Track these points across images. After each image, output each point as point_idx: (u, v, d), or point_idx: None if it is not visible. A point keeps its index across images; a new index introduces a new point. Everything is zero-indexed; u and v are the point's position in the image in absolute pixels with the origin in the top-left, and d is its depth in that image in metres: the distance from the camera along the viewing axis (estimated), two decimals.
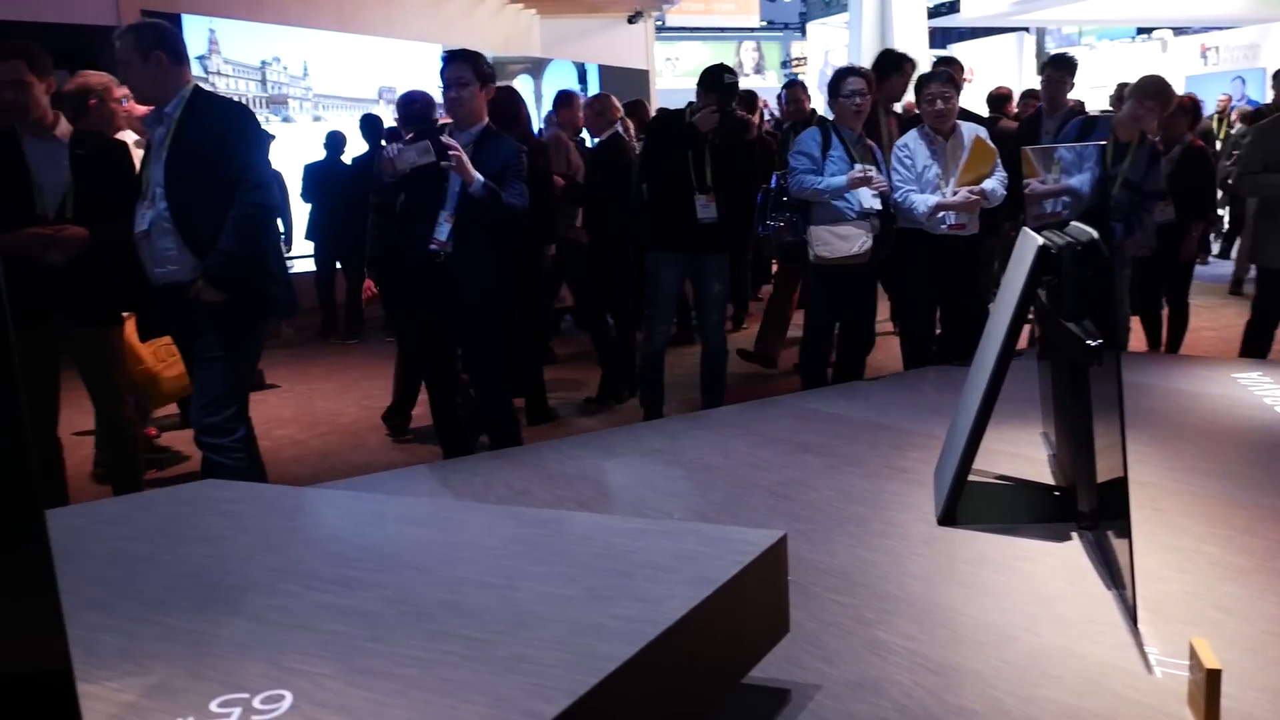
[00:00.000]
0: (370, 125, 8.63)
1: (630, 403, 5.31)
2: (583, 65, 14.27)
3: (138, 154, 3.65)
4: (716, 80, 4.53)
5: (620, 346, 5.65)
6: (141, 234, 3.24)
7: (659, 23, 17.84)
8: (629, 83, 13.34)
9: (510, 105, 5.21)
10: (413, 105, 4.93)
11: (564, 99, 6.28)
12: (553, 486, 2.78)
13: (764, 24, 24.54)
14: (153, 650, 1.04)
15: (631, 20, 14.64)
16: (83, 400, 3.76)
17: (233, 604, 1.14)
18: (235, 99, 3.26)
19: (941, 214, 4.37)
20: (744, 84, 6.91)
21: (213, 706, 0.92)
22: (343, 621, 1.09)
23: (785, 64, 24.34)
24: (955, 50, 17.80)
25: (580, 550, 1.33)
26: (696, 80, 4.59)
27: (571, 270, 5.79)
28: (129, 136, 4.42)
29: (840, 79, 4.46)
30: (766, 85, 20.10)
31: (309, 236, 9.10)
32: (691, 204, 4.54)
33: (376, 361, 6.32)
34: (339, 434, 5.40)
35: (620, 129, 5.78)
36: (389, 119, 8.38)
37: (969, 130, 4.49)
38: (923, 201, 4.33)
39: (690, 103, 4.66)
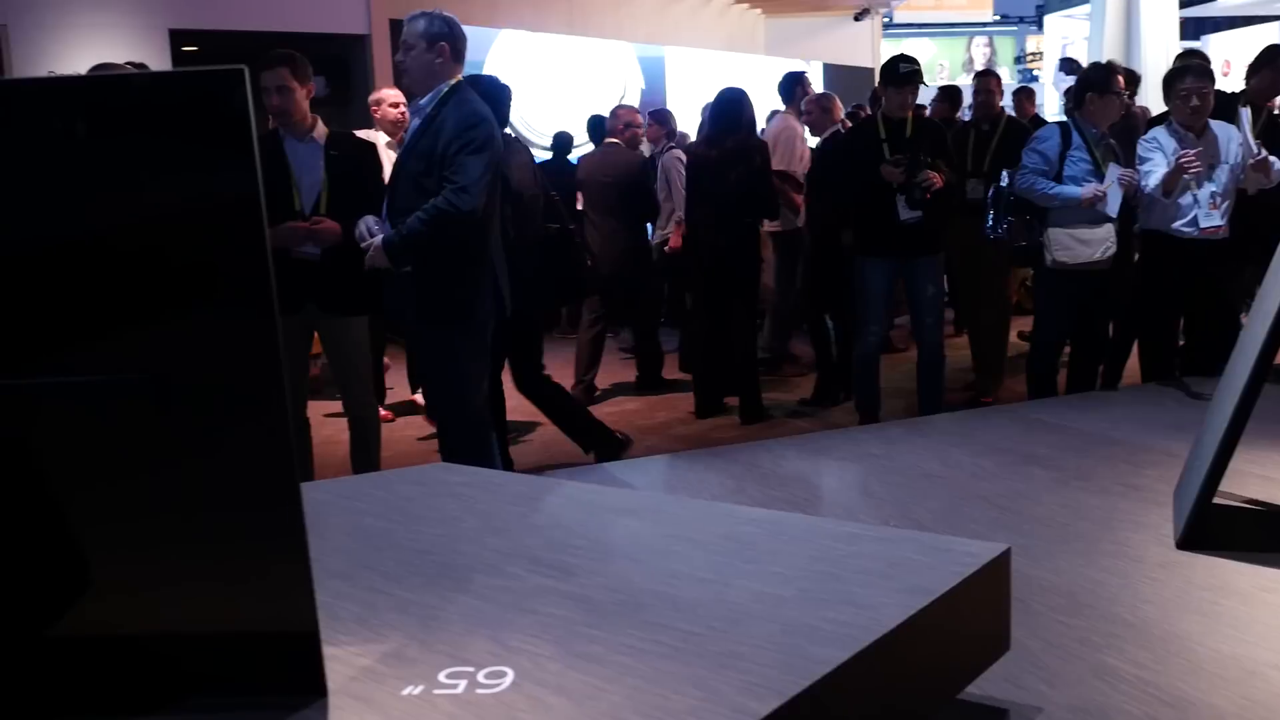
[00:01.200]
0: (597, 126, 8.83)
1: (846, 405, 5.22)
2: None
3: (389, 155, 3.88)
4: (891, 71, 4.50)
5: (839, 348, 5.56)
6: (378, 222, 3.45)
7: (886, 19, 17.44)
8: (854, 82, 13.09)
9: (734, 107, 5.22)
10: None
11: (794, 79, 6.26)
12: (765, 486, 2.78)
13: (997, 18, 23.59)
14: (388, 620, 1.10)
15: (858, 18, 14.38)
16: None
17: (461, 582, 1.20)
18: (476, 107, 3.38)
19: (1196, 213, 4.07)
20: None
21: (441, 677, 0.97)
22: (562, 606, 1.12)
23: (1019, 59, 23.33)
24: (1211, 42, 16.53)
25: (793, 551, 1.33)
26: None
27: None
28: (380, 138, 4.70)
29: (1178, 76, 4.22)
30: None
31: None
32: (893, 205, 4.45)
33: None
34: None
35: (840, 130, 5.72)
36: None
37: (1222, 130, 4.17)
38: (1157, 176, 4.02)
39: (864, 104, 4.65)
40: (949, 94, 6.99)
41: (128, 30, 8.49)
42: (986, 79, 5.82)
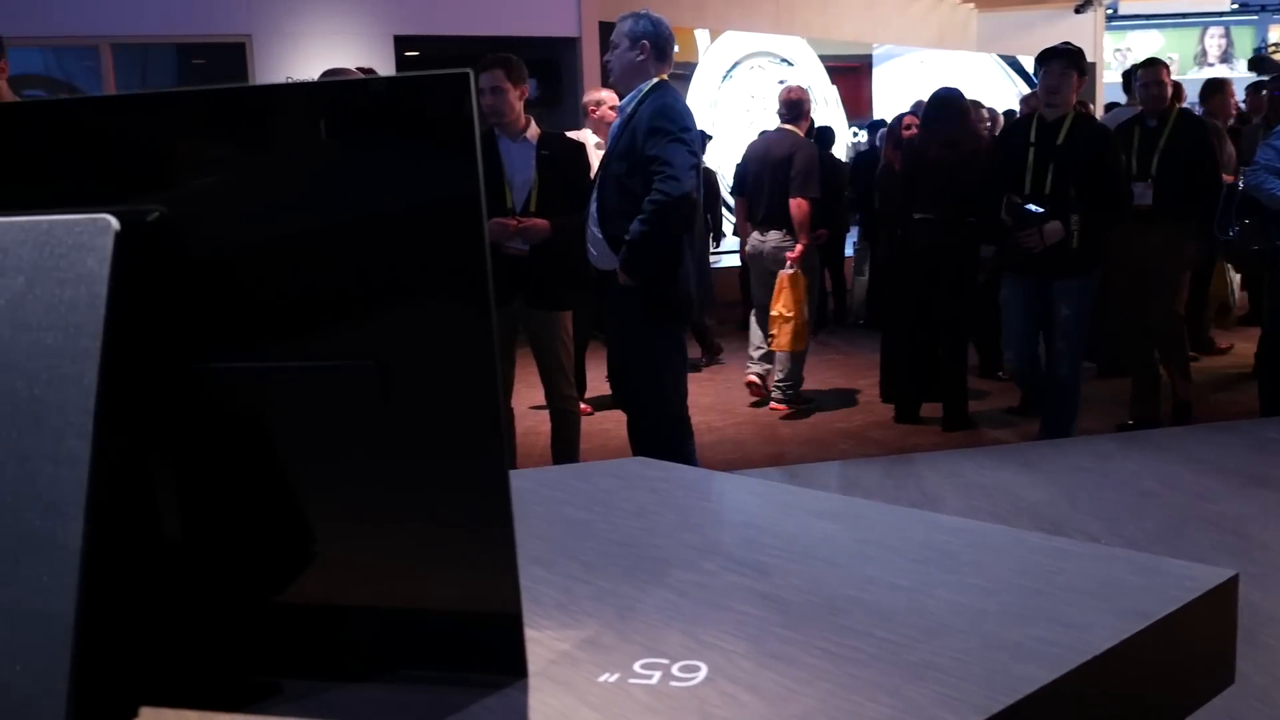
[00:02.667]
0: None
1: None
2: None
3: (598, 155, 3.98)
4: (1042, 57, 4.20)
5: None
6: (584, 220, 3.54)
7: (1110, 10, 16.54)
8: None
9: (953, 106, 5.08)
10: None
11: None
12: (967, 496, 2.70)
13: (1235, 6, 21.98)
14: (586, 608, 1.13)
15: (1079, 10, 13.71)
16: (530, 376, 4.15)
17: (657, 575, 1.22)
18: (671, 101, 3.40)
19: None
20: (1207, 75, 6.19)
21: (636, 667, 0.99)
22: (756, 605, 1.12)
23: (1259, 50, 21.67)
24: None
25: (996, 564, 1.28)
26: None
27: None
28: (590, 138, 4.83)
29: None
30: (1236, 76, 18.02)
31: (737, 233, 9.41)
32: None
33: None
34: (753, 425, 5.56)
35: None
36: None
37: None
38: None
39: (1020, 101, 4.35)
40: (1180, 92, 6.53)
41: (356, 37, 9.01)
42: (1154, 68, 5.22)
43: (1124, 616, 1.10)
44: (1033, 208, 3.95)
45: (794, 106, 6.23)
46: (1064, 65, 4.09)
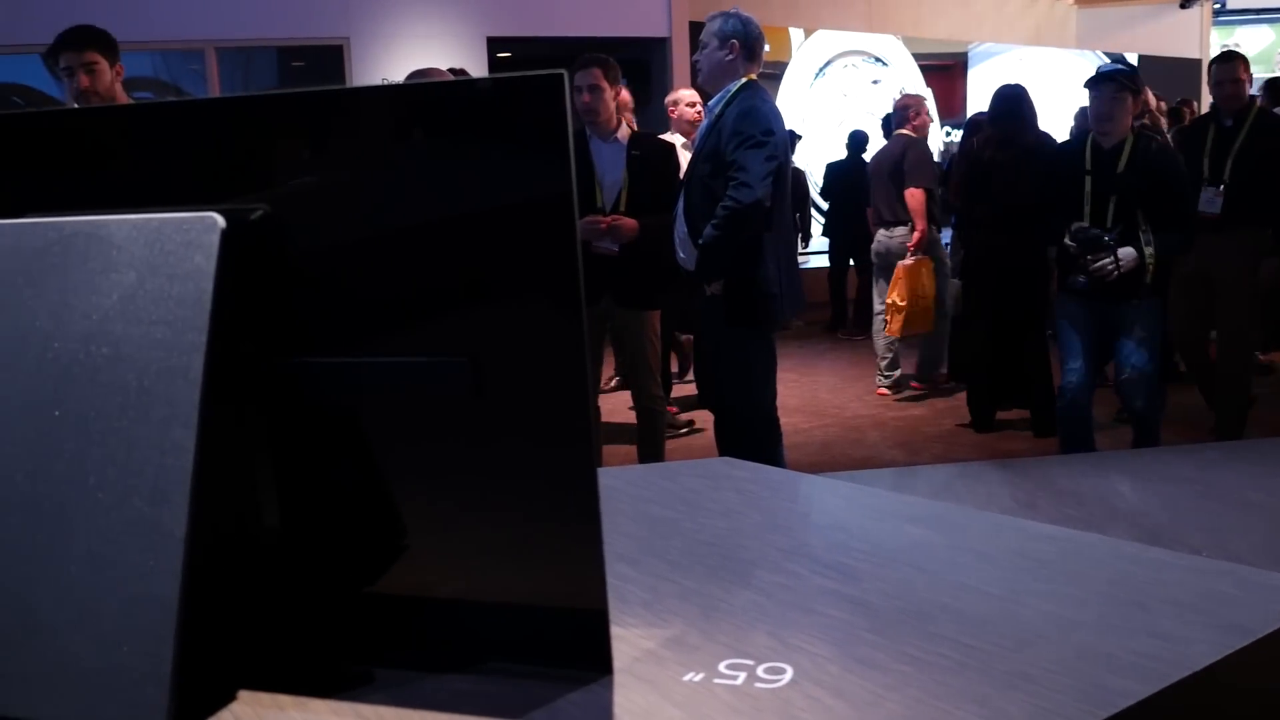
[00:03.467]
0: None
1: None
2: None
3: (685, 156, 3.98)
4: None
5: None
6: (672, 219, 3.54)
7: (1217, 5, 15.98)
8: (1175, 74, 12.09)
9: (1020, 105, 4.96)
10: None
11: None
12: (1060, 504, 2.63)
13: None
14: (671, 607, 1.14)
15: (1184, 4, 13.27)
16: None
17: (743, 576, 1.21)
18: (757, 104, 3.38)
19: None
20: None
21: (721, 667, 0.99)
22: (843, 609, 1.11)
23: None
24: None
25: (1090, 574, 1.25)
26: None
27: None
28: (677, 139, 4.84)
29: None
30: None
31: (825, 233, 9.33)
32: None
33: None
34: (840, 427, 5.51)
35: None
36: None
37: None
38: None
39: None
40: (1274, 88, 6.21)
41: (450, 39, 9.15)
42: (1229, 64, 4.68)
43: (1225, 632, 1.07)
44: (1103, 234, 3.71)
45: (899, 112, 6.63)
46: (1115, 89, 3.79)
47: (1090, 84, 3.94)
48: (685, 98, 5.46)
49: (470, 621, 1.02)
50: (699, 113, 5.21)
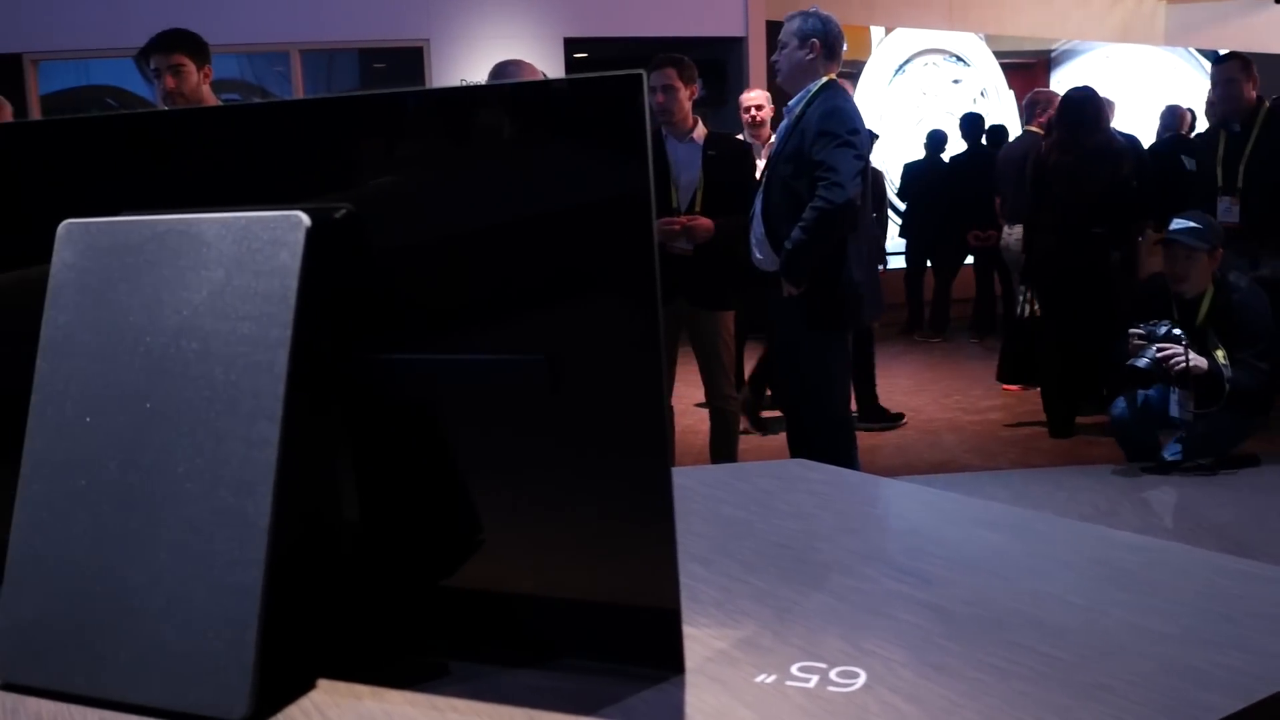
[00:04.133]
0: (971, 124, 8.51)
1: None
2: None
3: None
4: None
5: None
6: (749, 220, 3.53)
7: None
8: (1267, 72, 11.73)
9: (1090, 107, 4.85)
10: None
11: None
12: (1144, 512, 2.57)
13: None
14: (744, 608, 1.13)
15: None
16: (690, 375, 4.16)
17: (816, 578, 1.21)
18: (840, 103, 3.35)
19: None
20: None
21: (793, 669, 0.98)
22: (918, 614, 1.10)
23: None
24: None
25: (1176, 585, 1.22)
26: None
27: None
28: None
29: None
30: None
31: (902, 234, 9.23)
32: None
33: (958, 361, 6.28)
34: (916, 430, 5.44)
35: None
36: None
37: None
38: None
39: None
40: None
41: (528, 40, 9.22)
42: (1224, 65, 4.46)
43: None
44: (1170, 328, 3.55)
45: (1028, 108, 6.64)
46: (1237, 68, 3.74)
47: (1214, 62, 3.99)
48: (745, 100, 5.46)
49: (544, 617, 1.03)
50: (763, 114, 5.20)
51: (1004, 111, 11.34)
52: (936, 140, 9.14)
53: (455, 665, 1.01)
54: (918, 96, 11.45)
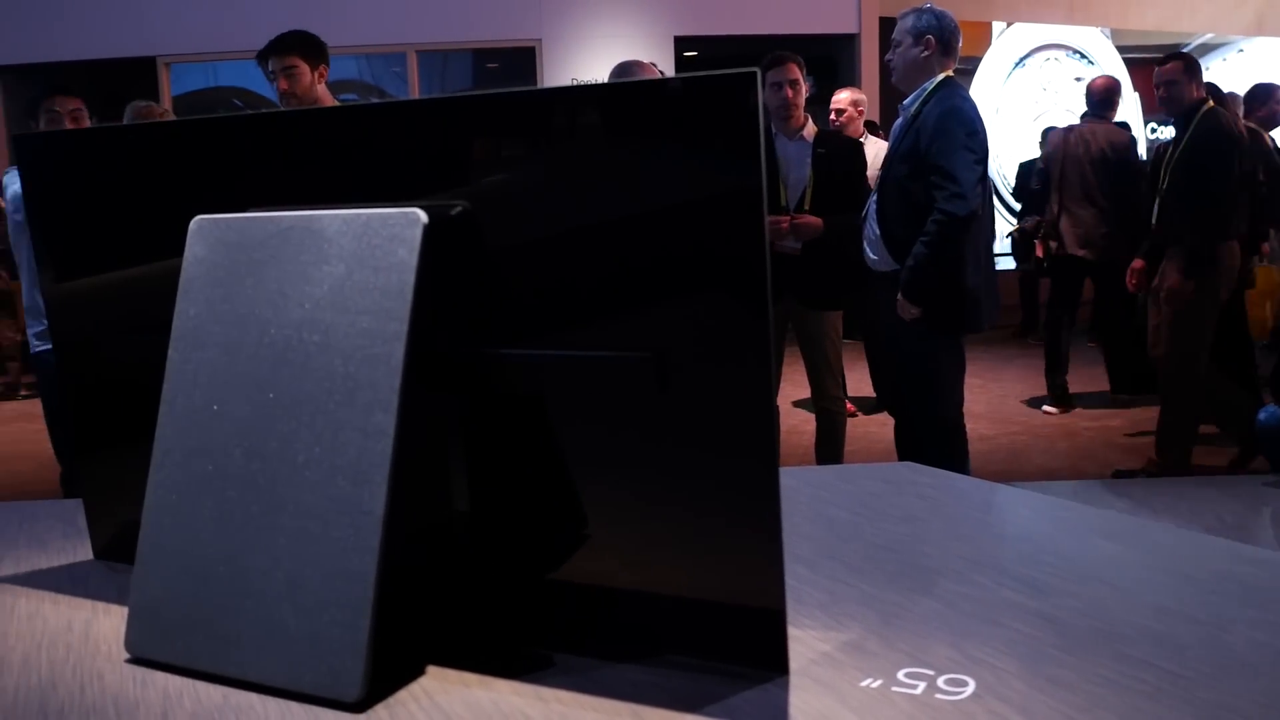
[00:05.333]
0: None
1: None
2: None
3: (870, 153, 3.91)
4: None
5: None
6: (862, 220, 3.47)
7: None
8: None
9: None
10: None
11: (1260, 94, 5.45)
12: (1275, 525, 2.46)
13: None
14: (850, 611, 1.12)
15: None
16: (796, 375, 4.13)
17: (924, 583, 1.19)
18: (959, 103, 3.27)
19: None
20: None
21: (900, 675, 0.97)
22: (1030, 624, 1.07)
23: None
24: None
25: None
26: None
27: None
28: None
29: None
30: None
31: (1009, 235, 8.99)
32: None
33: (1074, 366, 6.08)
34: (1030, 435, 5.31)
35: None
36: None
37: None
38: None
39: None
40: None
41: (639, 40, 9.26)
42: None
43: None
44: None
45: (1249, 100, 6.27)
46: None
47: None
48: (835, 100, 5.36)
49: (648, 613, 1.03)
50: (848, 114, 5.11)
51: (1127, 112, 10.96)
52: None
53: (560, 658, 1.02)
54: (1037, 93, 11.15)
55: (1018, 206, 9.06)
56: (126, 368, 1.25)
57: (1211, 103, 4.34)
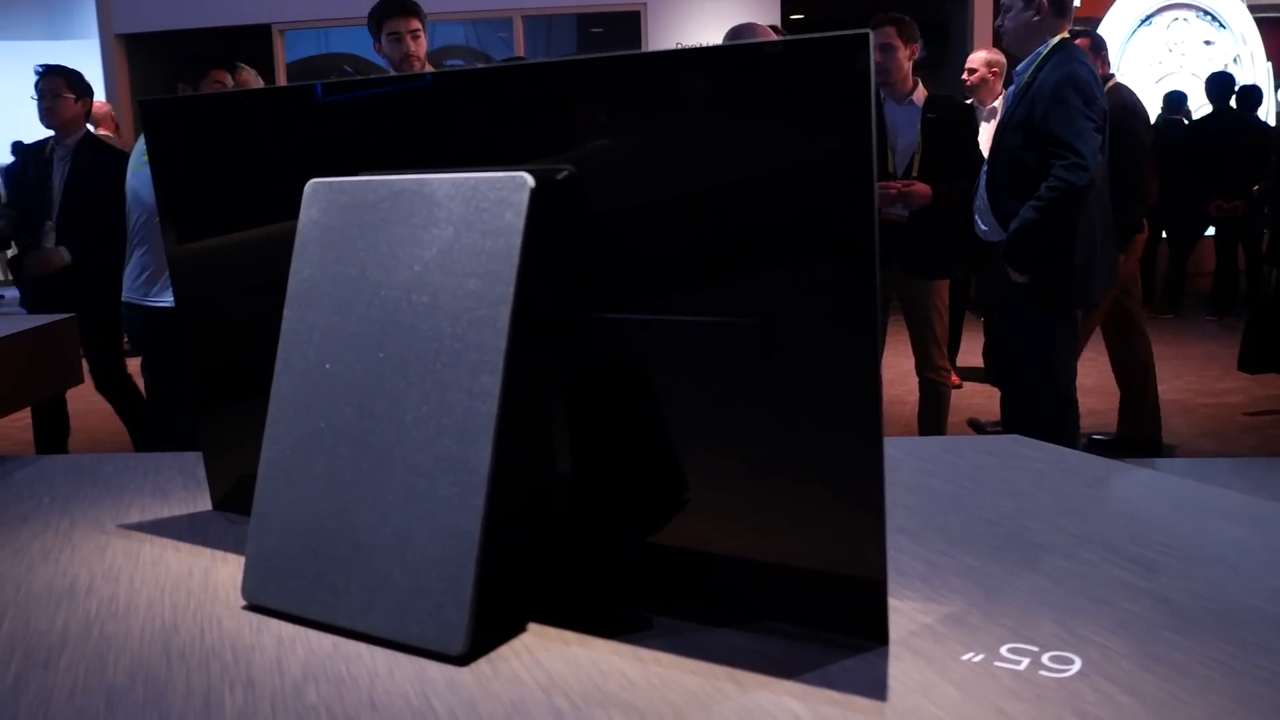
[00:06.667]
0: (1219, 84, 7.92)
1: None
2: None
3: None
4: None
5: None
6: (974, 188, 3.39)
7: None
8: None
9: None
10: None
11: None
12: None
13: None
14: (951, 583, 1.10)
15: None
16: (899, 344, 4.06)
17: (1029, 559, 1.16)
18: (1076, 69, 3.15)
19: None
20: None
21: (1003, 650, 0.95)
22: (1140, 603, 1.05)
23: None
24: None
25: None
26: None
27: None
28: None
29: None
30: None
31: None
32: None
33: (1193, 340, 5.86)
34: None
35: None
36: None
37: None
38: None
39: None
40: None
41: (744, 2, 9.12)
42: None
43: None
44: None
45: None
46: None
47: None
48: (970, 60, 5.21)
49: (747, 579, 1.03)
50: (983, 76, 4.97)
51: (1259, 77, 10.43)
52: (1175, 102, 8.53)
53: (659, 620, 1.03)
54: (1162, 54, 10.69)
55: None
56: (245, 326, 1.29)
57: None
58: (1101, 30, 10.34)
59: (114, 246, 3.90)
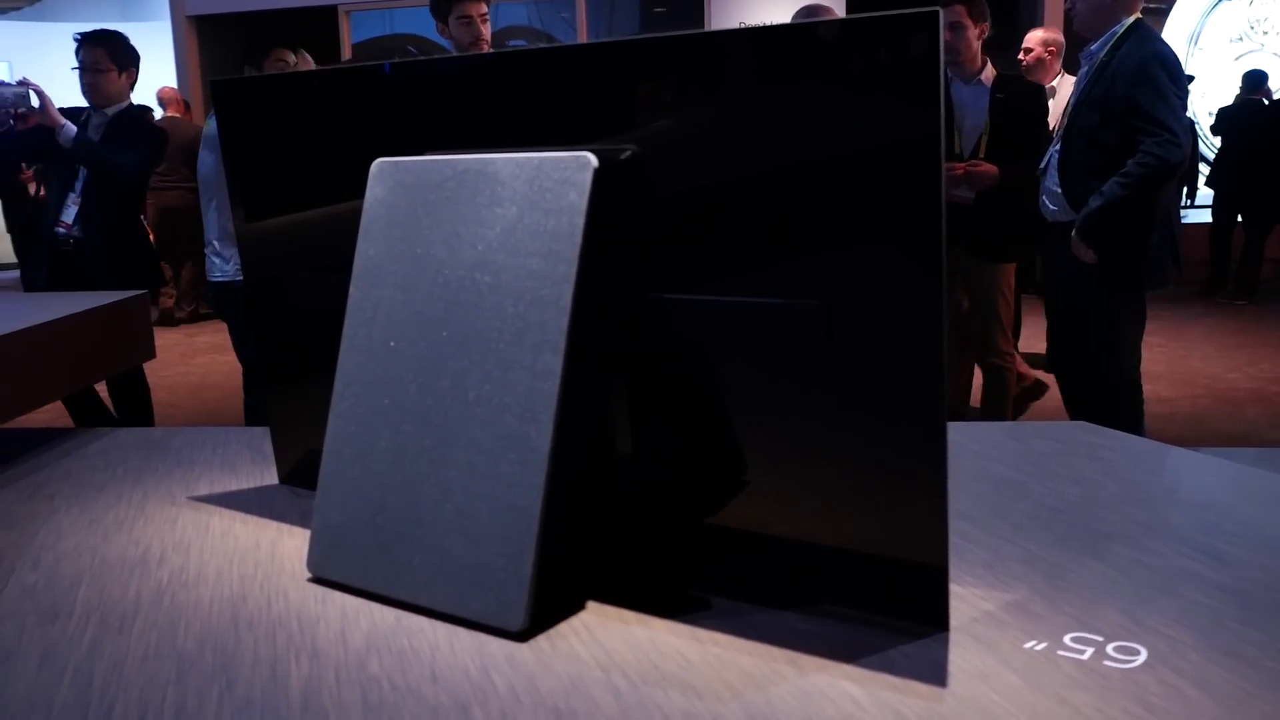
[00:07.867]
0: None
1: None
2: None
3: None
4: None
5: None
6: (1040, 170, 3.32)
7: None
8: None
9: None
10: None
11: None
12: None
13: None
14: (1014, 571, 1.09)
15: None
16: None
17: (1094, 547, 1.14)
18: (1160, 47, 3.06)
19: None
20: None
21: (1066, 639, 0.94)
22: (1209, 594, 1.02)
23: None
24: None
25: None
26: None
27: None
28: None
29: None
30: None
31: (1209, 183, 8.49)
32: None
33: (1269, 326, 5.70)
34: (1214, 399, 5.03)
35: None
36: None
37: None
38: None
39: None
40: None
41: None
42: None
43: None
44: None
45: None
46: None
47: None
48: (1027, 39, 5.09)
49: (808, 562, 1.03)
50: (1039, 56, 4.86)
51: None
52: (1255, 81, 8.28)
53: (718, 602, 1.03)
54: (1244, 30, 10.38)
55: (1217, 144, 8.49)
56: (311, 304, 1.31)
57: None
58: (1173, 16, 10.07)
59: (129, 223, 3.83)
